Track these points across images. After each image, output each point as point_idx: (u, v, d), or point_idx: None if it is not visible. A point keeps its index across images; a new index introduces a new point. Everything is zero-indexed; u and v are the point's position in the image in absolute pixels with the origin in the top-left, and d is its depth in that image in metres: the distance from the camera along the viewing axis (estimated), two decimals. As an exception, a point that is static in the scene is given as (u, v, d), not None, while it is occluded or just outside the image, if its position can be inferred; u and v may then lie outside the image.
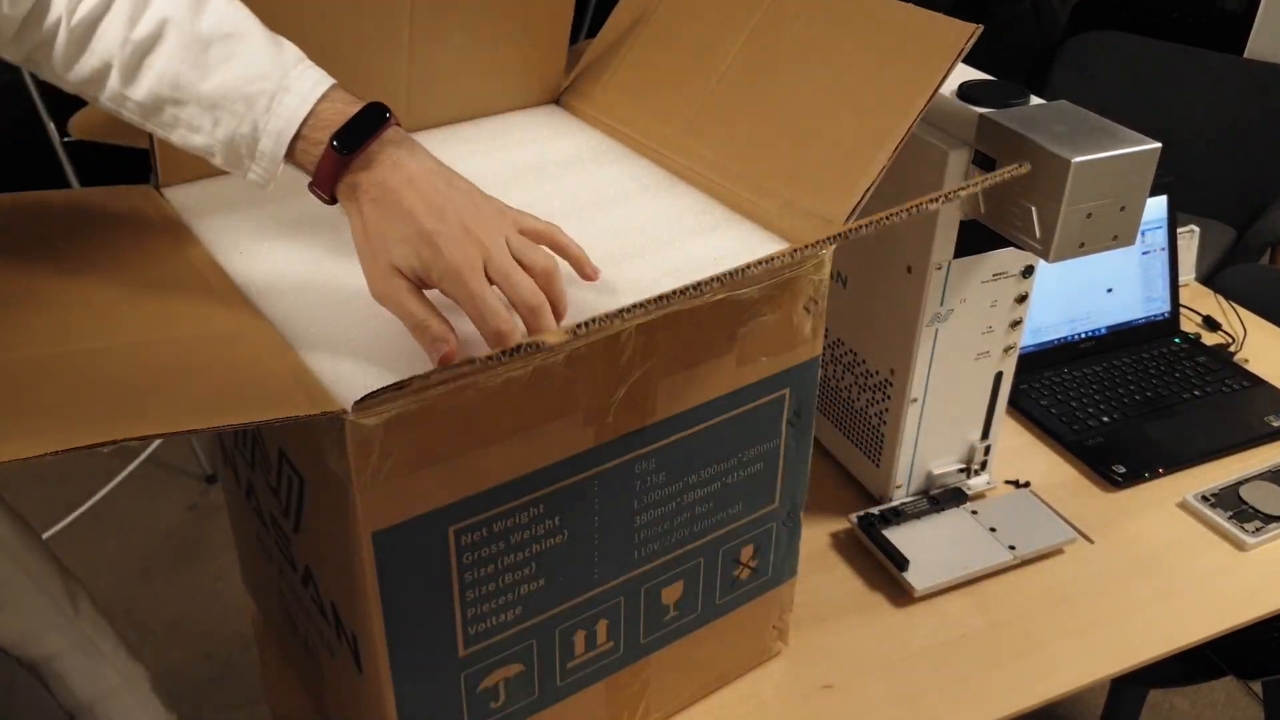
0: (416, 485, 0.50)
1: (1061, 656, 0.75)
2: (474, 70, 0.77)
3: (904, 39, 0.62)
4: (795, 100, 0.66)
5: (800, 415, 0.65)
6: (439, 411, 0.49)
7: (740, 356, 0.60)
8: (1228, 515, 0.86)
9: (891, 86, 0.61)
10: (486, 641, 0.57)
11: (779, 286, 0.59)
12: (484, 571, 0.55)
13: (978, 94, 0.72)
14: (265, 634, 0.78)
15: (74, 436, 0.42)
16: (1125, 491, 0.90)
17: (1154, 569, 0.83)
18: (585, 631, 0.61)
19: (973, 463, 0.87)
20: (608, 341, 0.53)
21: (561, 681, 0.62)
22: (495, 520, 0.54)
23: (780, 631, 0.74)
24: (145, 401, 0.48)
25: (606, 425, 0.55)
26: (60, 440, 0.42)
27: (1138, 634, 0.77)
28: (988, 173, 0.71)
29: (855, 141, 0.61)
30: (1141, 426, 0.97)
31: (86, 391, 0.49)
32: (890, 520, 0.83)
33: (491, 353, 0.46)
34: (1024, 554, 0.82)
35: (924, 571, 0.79)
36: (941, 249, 0.75)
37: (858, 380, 0.86)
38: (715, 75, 0.70)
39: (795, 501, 0.69)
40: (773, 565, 0.70)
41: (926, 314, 0.77)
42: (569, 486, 0.56)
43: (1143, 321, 1.08)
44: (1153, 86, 1.85)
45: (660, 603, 0.64)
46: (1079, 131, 0.68)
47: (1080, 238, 0.69)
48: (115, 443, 0.43)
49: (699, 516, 0.63)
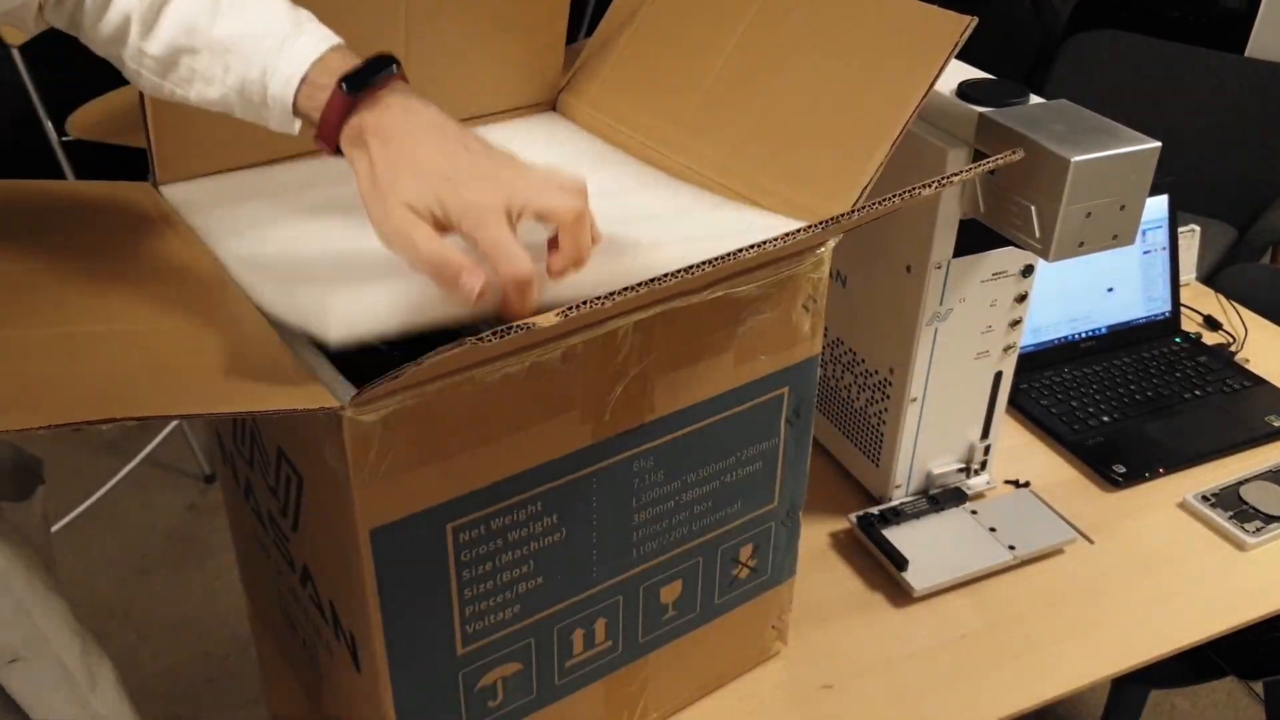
0: (415, 482, 0.50)
1: (1062, 657, 0.75)
2: (471, 67, 0.77)
3: (899, 32, 0.62)
4: (792, 96, 0.65)
5: (799, 414, 0.65)
6: (437, 408, 0.49)
7: (739, 355, 0.59)
8: (1228, 515, 0.86)
9: (887, 81, 0.61)
10: (485, 640, 0.57)
11: (777, 284, 0.59)
12: (482, 569, 0.55)
13: (977, 93, 0.72)
14: (263, 634, 0.77)
15: (71, 412, 0.42)
16: (1125, 491, 0.90)
17: (1154, 569, 0.82)
18: (584, 630, 0.61)
19: (972, 462, 0.87)
20: (605, 338, 0.53)
21: (560, 680, 0.62)
22: (493, 518, 0.54)
23: (779, 631, 0.74)
24: (143, 384, 0.48)
25: (604, 423, 0.55)
26: (58, 415, 0.41)
27: (1138, 634, 0.77)
28: (986, 172, 0.71)
29: (853, 137, 0.61)
30: (1142, 426, 0.96)
31: (85, 371, 0.48)
32: (890, 520, 0.83)
33: (483, 334, 0.44)
34: (1024, 554, 0.82)
35: (923, 571, 0.79)
36: (941, 248, 0.74)
37: (857, 379, 0.86)
38: (712, 73, 0.70)
39: (794, 501, 0.68)
40: (772, 565, 0.70)
41: (926, 313, 0.77)
42: (567, 484, 0.56)
43: (1143, 321, 1.08)
44: (1153, 85, 1.84)
45: (659, 602, 0.64)
46: (1079, 130, 0.68)
47: (1080, 237, 0.68)
48: (113, 421, 0.41)
49: (698, 515, 0.63)
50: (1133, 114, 0.77)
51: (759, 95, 0.67)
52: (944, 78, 0.74)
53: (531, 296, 0.45)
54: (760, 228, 0.61)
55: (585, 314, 0.45)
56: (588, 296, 0.45)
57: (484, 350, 0.47)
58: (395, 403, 0.47)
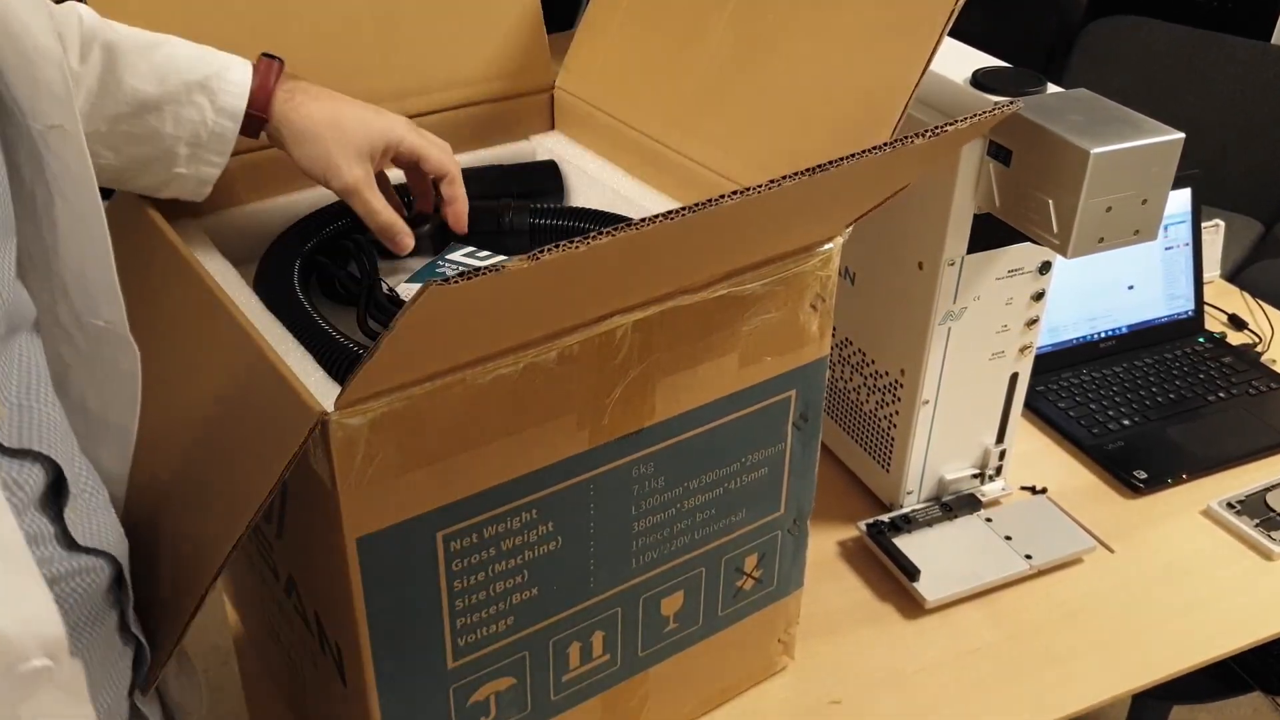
0: (403, 488, 0.49)
1: (1080, 671, 0.74)
2: (445, 46, 0.76)
3: (889, 5, 0.60)
4: (785, 79, 0.65)
5: (807, 418, 0.63)
6: (426, 411, 0.48)
7: (743, 356, 0.58)
8: (1254, 523, 0.85)
9: (883, 60, 0.60)
10: (477, 653, 0.56)
11: (783, 282, 0.57)
12: (474, 579, 0.54)
13: (993, 82, 0.71)
14: (247, 646, 0.77)
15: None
16: (1147, 498, 0.89)
17: (1177, 579, 0.81)
18: (580, 643, 0.60)
19: (987, 468, 0.86)
20: (603, 338, 0.52)
21: (555, 696, 0.61)
22: (486, 525, 0.53)
23: (786, 645, 0.73)
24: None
25: (602, 427, 0.54)
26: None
27: (1160, 647, 0.76)
28: (1000, 163, 0.69)
29: (853, 121, 0.60)
30: (1164, 430, 0.95)
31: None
32: (900, 528, 0.82)
33: (449, 277, 0.42)
34: (1041, 563, 0.80)
35: (936, 582, 0.78)
36: (954, 244, 0.73)
37: (866, 381, 0.84)
38: (704, 56, 0.69)
39: (801, 508, 0.67)
40: (778, 575, 0.68)
41: (938, 312, 0.76)
42: (563, 491, 0.55)
43: (1165, 320, 1.06)
44: (1176, 74, 1.82)
45: (659, 614, 0.63)
46: (1098, 121, 0.67)
47: (1100, 232, 0.67)
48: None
49: (700, 524, 0.62)
50: (1154, 104, 0.75)
51: (753, 79, 0.66)
52: (959, 66, 0.73)
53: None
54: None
55: (558, 256, 0.41)
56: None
57: (478, 349, 0.46)
58: (383, 405, 0.46)
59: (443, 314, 0.42)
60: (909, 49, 0.58)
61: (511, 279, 0.40)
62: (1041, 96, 0.70)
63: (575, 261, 0.41)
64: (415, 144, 0.63)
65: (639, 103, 0.74)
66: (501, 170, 0.76)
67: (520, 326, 0.49)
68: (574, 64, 0.80)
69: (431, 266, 0.69)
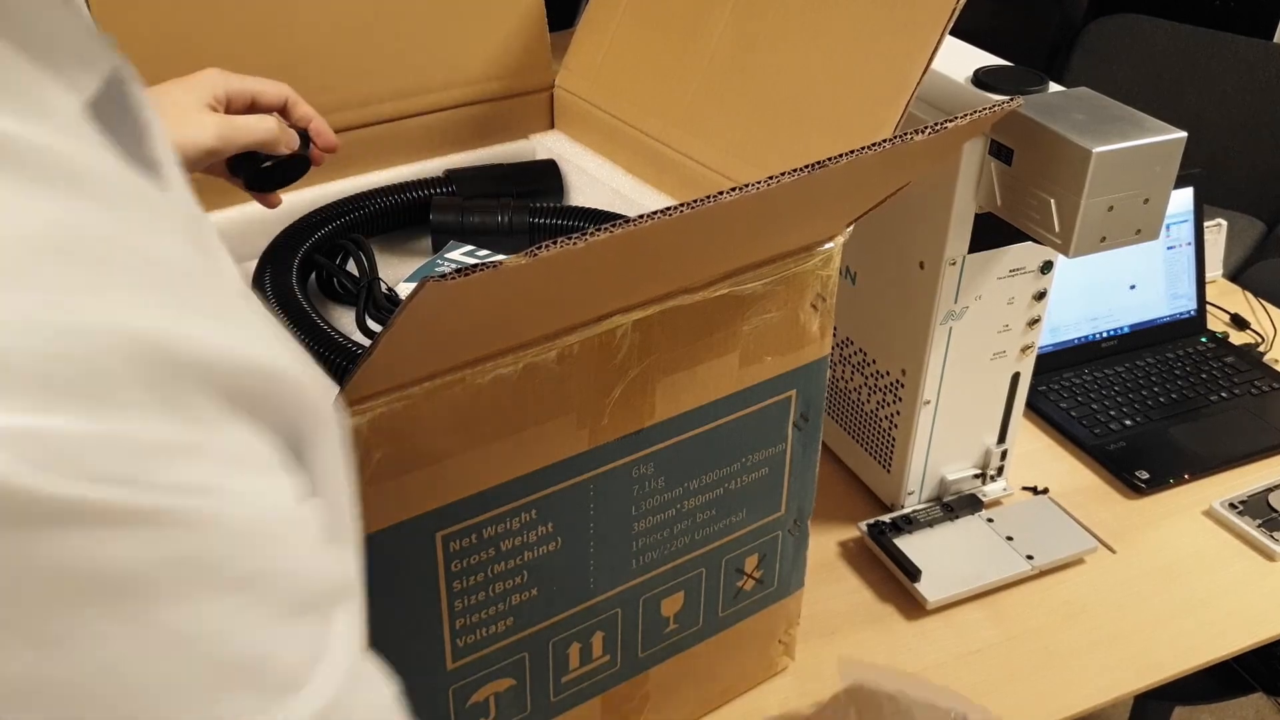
0: (402, 488, 0.49)
1: (1082, 672, 0.73)
2: (444, 39, 0.75)
3: (891, 2, 0.60)
4: (787, 77, 0.64)
5: (807, 418, 0.63)
6: (425, 411, 0.47)
7: (744, 356, 0.58)
8: (1256, 524, 0.84)
9: (884, 57, 0.59)
10: (476, 654, 0.55)
11: (784, 281, 0.57)
12: (473, 580, 0.53)
13: (994, 81, 0.71)
14: None
15: None
16: (1149, 498, 0.88)
17: (1179, 580, 0.81)
18: (580, 644, 0.60)
19: (988, 468, 0.85)
20: (602, 338, 0.52)
21: (555, 697, 0.60)
22: (485, 526, 0.52)
23: (786, 645, 0.72)
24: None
25: (602, 427, 0.54)
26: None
27: (1162, 648, 0.75)
28: (1002, 162, 0.68)
29: (855, 120, 0.59)
30: (1166, 430, 0.94)
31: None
32: (902, 528, 0.82)
33: (446, 274, 0.42)
34: (1042, 564, 0.80)
35: (937, 582, 0.78)
36: (955, 243, 0.73)
37: (867, 381, 0.84)
38: (705, 54, 0.69)
39: (802, 509, 0.67)
40: (778, 576, 0.68)
41: (940, 312, 0.75)
42: (563, 491, 0.54)
43: (1167, 320, 1.06)
44: (1178, 73, 1.81)
45: (659, 614, 0.63)
46: (1100, 120, 0.66)
47: (1101, 232, 0.67)
48: None
49: (700, 524, 0.61)
50: (1157, 102, 0.75)
51: (754, 78, 0.66)
52: (960, 65, 0.73)
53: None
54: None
55: (556, 253, 0.41)
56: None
57: (476, 350, 0.45)
58: (381, 405, 0.46)
59: (440, 311, 0.42)
60: (910, 48, 0.57)
61: (509, 276, 0.40)
62: (1043, 95, 0.70)
63: (573, 258, 0.41)
64: (239, 86, 0.60)
65: (639, 101, 0.73)
66: (501, 169, 0.76)
67: (519, 325, 0.49)
68: (574, 63, 0.80)
69: (430, 265, 0.68)
